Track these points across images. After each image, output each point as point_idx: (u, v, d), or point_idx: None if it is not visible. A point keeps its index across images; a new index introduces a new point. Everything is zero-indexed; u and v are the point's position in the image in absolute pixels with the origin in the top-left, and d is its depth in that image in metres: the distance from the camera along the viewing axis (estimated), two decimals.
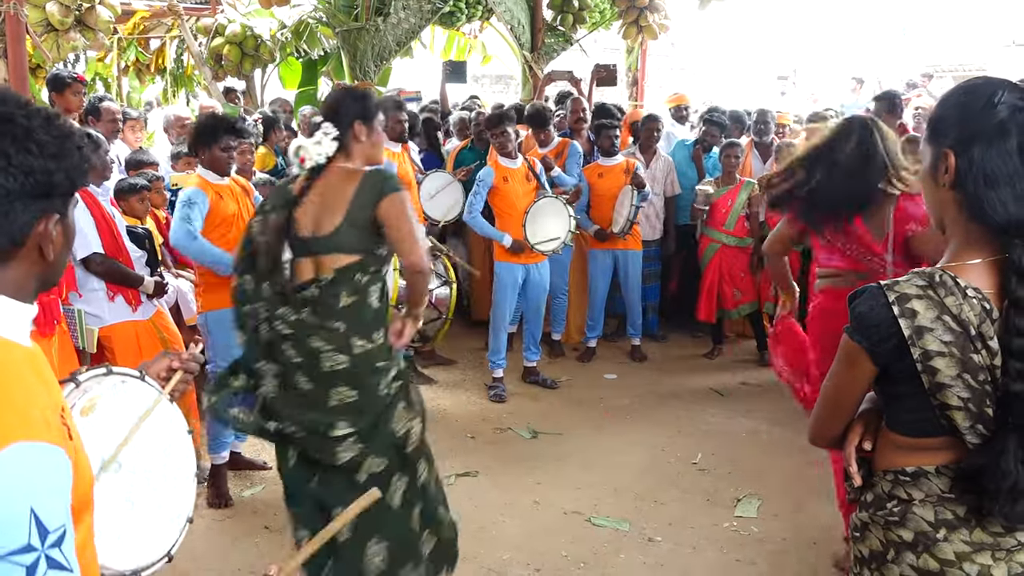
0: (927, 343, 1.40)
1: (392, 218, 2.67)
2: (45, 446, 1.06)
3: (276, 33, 7.77)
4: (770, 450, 4.61)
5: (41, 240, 1.16)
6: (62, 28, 5.82)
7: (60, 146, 1.16)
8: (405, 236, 2.69)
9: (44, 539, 1.01)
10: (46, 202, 1.15)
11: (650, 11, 8.90)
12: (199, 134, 3.93)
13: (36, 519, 1.01)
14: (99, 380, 1.52)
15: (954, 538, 1.47)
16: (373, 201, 2.68)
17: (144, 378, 1.61)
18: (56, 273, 1.24)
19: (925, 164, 1.53)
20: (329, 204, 2.72)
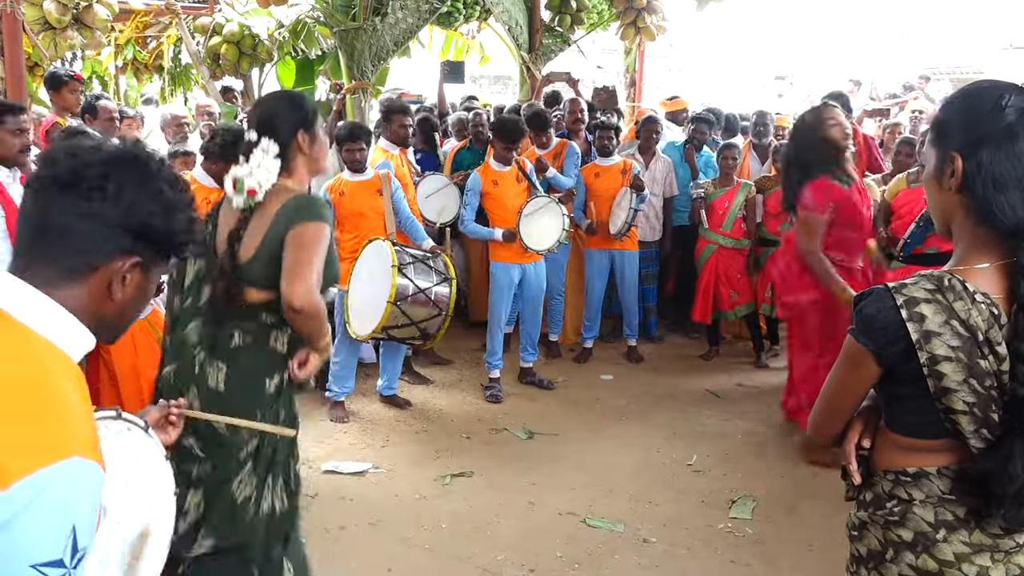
0: (934, 347, 1.40)
1: (292, 247, 2.30)
2: (95, 465, 1.07)
3: (274, 32, 7.76)
4: (765, 452, 4.61)
5: (114, 275, 1.18)
6: (60, 26, 5.83)
7: (173, 203, 1.22)
8: (292, 265, 2.28)
9: (73, 557, 1.03)
10: (134, 242, 1.19)
11: (648, 12, 8.92)
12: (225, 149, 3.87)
13: (74, 537, 1.02)
14: (107, 424, 1.52)
15: (953, 539, 1.47)
16: (284, 229, 2.33)
17: (148, 431, 1.62)
18: (118, 321, 1.24)
19: (929, 167, 1.52)
20: (253, 229, 2.37)
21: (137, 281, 1.22)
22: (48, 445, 1.02)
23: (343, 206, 4.91)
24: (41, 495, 0.99)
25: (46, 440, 1.02)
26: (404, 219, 5.08)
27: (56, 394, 1.08)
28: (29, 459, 0.99)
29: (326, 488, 4.12)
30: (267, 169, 2.35)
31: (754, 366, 6.04)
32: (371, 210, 4.96)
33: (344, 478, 4.26)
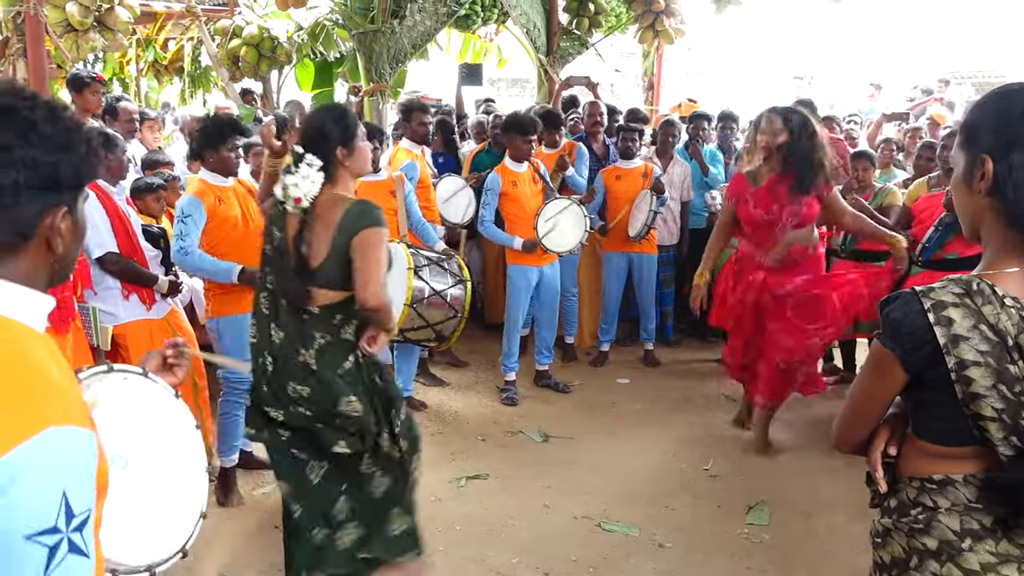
0: (963, 352, 1.38)
1: (360, 251, 2.64)
2: (77, 429, 1.07)
3: (293, 35, 7.80)
4: (782, 457, 4.58)
5: (49, 233, 1.16)
6: (82, 28, 5.90)
7: (66, 138, 1.15)
8: (364, 270, 2.63)
9: (69, 522, 1.03)
10: (53, 195, 1.15)
11: (666, 15, 8.88)
12: (207, 136, 3.84)
13: (66, 502, 1.03)
14: (100, 378, 1.53)
15: (979, 548, 1.44)
16: (351, 233, 2.65)
17: (147, 374, 1.62)
18: (67, 266, 1.23)
19: (959, 170, 1.50)
20: (318, 235, 2.69)
21: (70, 224, 1.19)
22: (18, 423, 1.02)
23: None
24: (24, 471, 1.00)
25: (17, 418, 1.02)
26: (415, 221, 5.06)
27: (24, 369, 1.07)
28: (4, 440, 1.00)
29: None
30: (311, 180, 2.67)
31: None
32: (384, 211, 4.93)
33: None
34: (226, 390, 3.99)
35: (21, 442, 1.00)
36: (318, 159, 2.69)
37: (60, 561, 1.02)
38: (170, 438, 1.63)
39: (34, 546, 1.00)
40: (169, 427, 1.64)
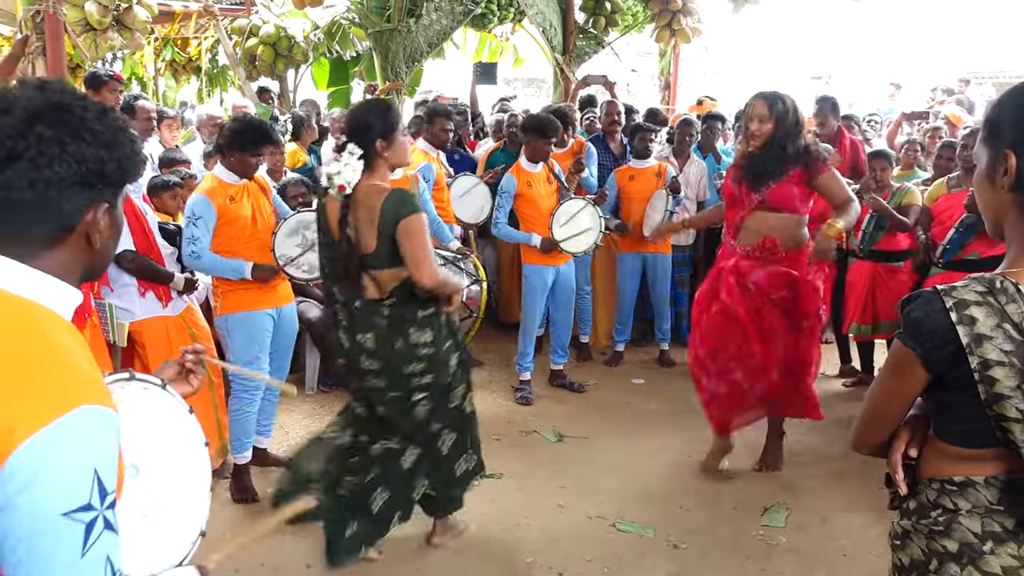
0: (986, 352, 1.35)
1: (406, 238, 2.89)
2: (106, 410, 1.09)
3: (309, 34, 7.83)
4: (799, 459, 4.54)
5: (89, 228, 1.19)
6: (100, 28, 5.93)
7: (113, 137, 1.18)
8: (413, 256, 2.89)
9: (103, 500, 1.06)
10: (96, 191, 1.18)
11: (683, 14, 8.86)
12: (239, 138, 3.78)
13: (98, 480, 1.05)
14: (122, 385, 1.54)
15: (1001, 551, 1.42)
16: (394, 221, 2.89)
17: (166, 387, 1.62)
18: (102, 263, 1.27)
19: (981, 166, 1.47)
20: (364, 222, 2.93)
21: (109, 222, 1.22)
22: (54, 400, 1.04)
23: None
24: (57, 448, 1.02)
25: (50, 396, 1.05)
26: (431, 220, 5.04)
27: (55, 351, 1.10)
28: (37, 417, 1.02)
29: None
30: (353, 168, 2.90)
31: None
32: None
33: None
34: (237, 388, 3.99)
35: (54, 419, 1.02)
36: (359, 148, 2.89)
37: (97, 537, 1.05)
38: (179, 453, 1.64)
39: (71, 523, 1.02)
40: (180, 442, 1.64)
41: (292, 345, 4.25)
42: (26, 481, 1.00)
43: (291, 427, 4.89)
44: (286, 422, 4.91)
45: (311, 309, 5.31)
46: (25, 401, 1.03)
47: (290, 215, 4.00)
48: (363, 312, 3.04)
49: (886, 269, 5.36)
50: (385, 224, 2.89)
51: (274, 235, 3.86)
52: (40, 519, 1.01)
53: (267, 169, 5.71)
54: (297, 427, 4.90)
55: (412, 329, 3.04)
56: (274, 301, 3.99)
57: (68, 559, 1.03)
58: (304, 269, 3.97)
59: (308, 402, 5.30)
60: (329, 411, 5.13)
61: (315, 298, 5.41)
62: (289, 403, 5.15)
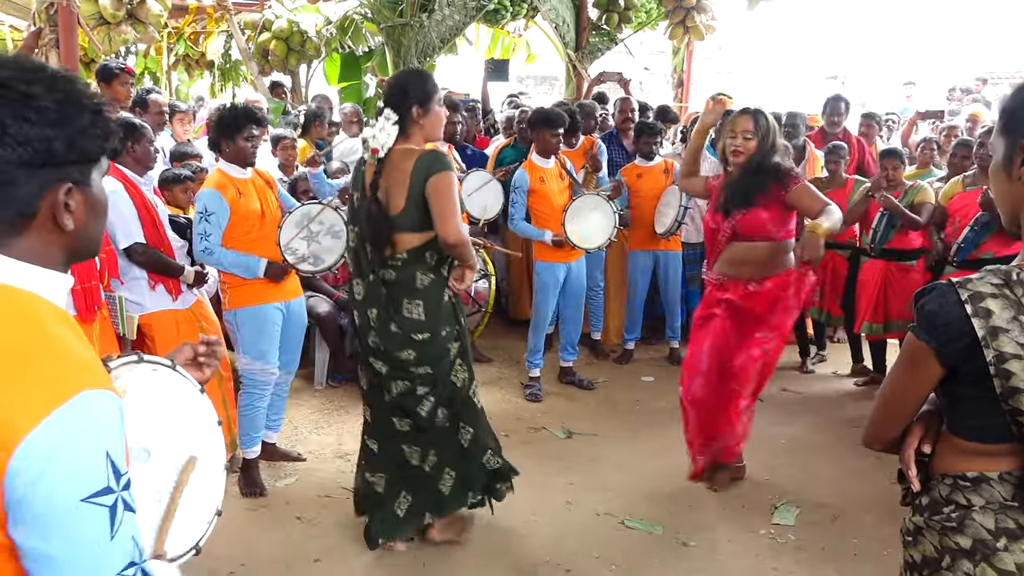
0: (1002, 345, 1.33)
1: (434, 194, 2.91)
2: (107, 392, 1.08)
3: (322, 29, 7.83)
4: (809, 458, 4.51)
5: (55, 211, 1.13)
6: (114, 21, 5.96)
7: (62, 113, 1.11)
8: (440, 211, 2.91)
9: (119, 481, 1.05)
10: (53, 171, 1.12)
11: (697, 11, 8.83)
12: (223, 126, 3.81)
13: (111, 462, 1.04)
14: (130, 368, 1.52)
15: (1015, 548, 1.39)
16: (424, 178, 2.91)
17: (175, 367, 1.61)
18: (87, 244, 1.21)
19: (997, 157, 1.45)
20: (395, 184, 2.97)
21: (82, 200, 1.16)
22: (54, 389, 1.03)
23: None
24: (65, 436, 1.01)
25: (50, 385, 1.03)
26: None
27: (51, 339, 1.07)
28: (39, 408, 1.00)
29: None
30: (387, 133, 2.94)
31: (800, 371, 5.92)
32: None
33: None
34: (246, 383, 3.99)
35: (57, 406, 1.01)
36: (394, 114, 2.94)
37: (122, 520, 1.04)
38: (192, 433, 1.62)
39: (92, 507, 1.01)
40: (192, 422, 1.63)
41: (301, 339, 4.24)
42: (38, 473, 0.98)
43: (300, 422, 4.88)
44: (295, 417, 4.91)
45: (321, 304, 5.30)
46: (24, 392, 1.01)
47: (295, 207, 3.99)
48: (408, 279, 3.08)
49: (898, 268, 5.32)
50: (415, 182, 2.92)
51: (280, 228, 3.86)
52: (61, 509, 0.99)
53: (279, 164, 5.73)
54: (306, 422, 4.90)
55: (405, 300, 3.04)
56: (283, 295, 3.98)
57: (98, 543, 1.02)
58: (309, 262, 3.96)
59: (317, 397, 5.30)
60: (338, 406, 5.14)
61: (325, 292, 5.41)
62: (298, 397, 5.15)
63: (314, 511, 3.83)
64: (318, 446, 4.56)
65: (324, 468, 4.30)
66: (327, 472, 4.25)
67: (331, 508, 3.87)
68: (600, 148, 5.99)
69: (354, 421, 4.89)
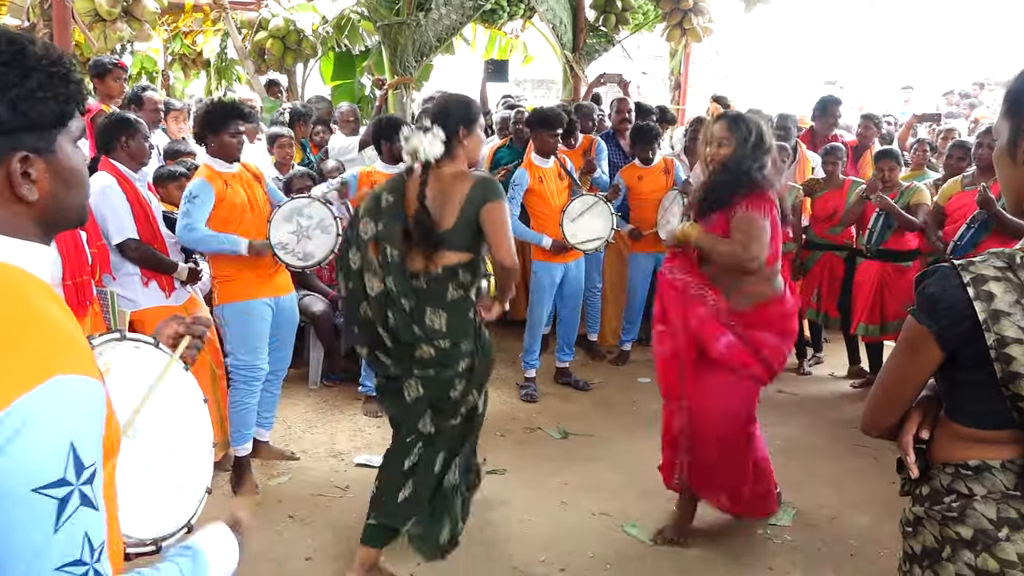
0: (1004, 328, 1.30)
1: (490, 222, 3.01)
2: (85, 379, 1.02)
3: (318, 28, 7.80)
4: (806, 459, 4.48)
5: (13, 181, 1.07)
6: (110, 18, 5.93)
7: (2, 77, 1.04)
8: (496, 238, 3.02)
9: (80, 474, 0.99)
10: (2, 139, 1.06)
11: (694, 13, 8.82)
12: (208, 121, 3.79)
13: (74, 454, 0.99)
14: (113, 345, 1.50)
15: (1017, 538, 1.36)
16: (479, 205, 3.01)
17: (158, 345, 1.58)
18: (61, 213, 1.15)
19: (1002, 141, 1.43)
20: (445, 203, 3.04)
21: (45, 168, 1.10)
22: (27, 371, 0.98)
23: None
24: (28, 421, 0.96)
25: (24, 367, 0.98)
26: None
27: (32, 315, 1.02)
28: (7, 391, 0.96)
29: (358, 481, 4.09)
30: (435, 148, 3.01)
31: (796, 373, 5.89)
32: None
33: (375, 471, 4.20)
34: (236, 379, 3.95)
35: (26, 391, 0.96)
36: (443, 132, 3.04)
37: (72, 514, 0.98)
38: (179, 411, 1.61)
39: (42, 499, 0.96)
40: (178, 400, 1.61)
41: (293, 336, 4.21)
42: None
43: (293, 421, 4.85)
44: (288, 416, 4.88)
45: (315, 302, 5.27)
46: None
47: (284, 201, 3.97)
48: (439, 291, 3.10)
49: (895, 269, 5.30)
50: (470, 208, 3.02)
51: (269, 222, 3.83)
52: (11, 495, 0.95)
53: (275, 162, 5.70)
54: (299, 421, 4.87)
55: (429, 310, 3.06)
56: (272, 291, 3.95)
57: (39, 535, 0.96)
58: (299, 256, 3.93)
59: (311, 396, 5.26)
60: (332, 406, 5.10)
61: (319, 291, 5.38)
62: (292, 396, 5.12)
63: (307, 510, 3.80)
64: (311, 445, 4.53)
65: (317, 467, 4.27)
66: (320, 471, 4.22)
67: (323, 507, 3.84)
68: (600, 147, 5.97)
69: (348, 421, 4.86)
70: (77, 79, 1.13)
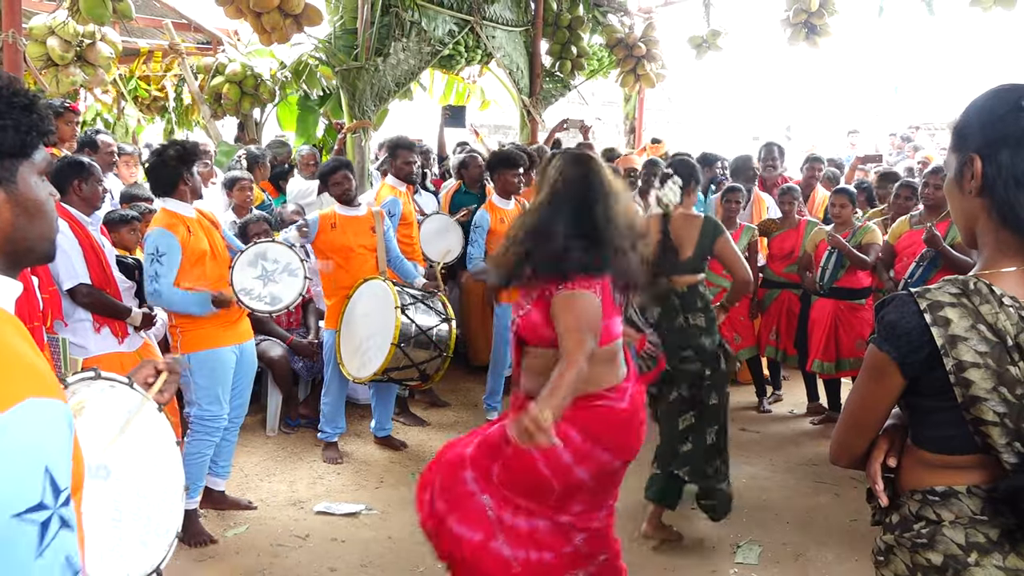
0: (961, 353, 1.33)
1: (722, 251, 3.93)
2: (54, 401, 1.02)
3: (276, 73, 7.80)
4: (770, 496, 4.49)
5: None
6: (62, 63, 5.86)
7: None
8: (733, 262, 3.98)
9: (57, 497, 0.98)
10: None
11: (647, 60, 9.03)
12: (181, 161, 3.69)
13: (50, 477, 0.97)
14: (87, 383, 1.48)
15: (986, 563, 1.37)
16: (712, 240, 3.89)
17: (132, 385, 1.55)
18: (23, 246, 1.14)
19: (950, 173, 1.47)
20: (685, 239, 3.89)
21: (5, 198, 1.10)
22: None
23: (333, 239, 4.73)
24: (3, 446, 0.95)
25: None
26: (394, 257, 4.95)
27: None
28: None
29: (319, 529, 3.99)
30: (676, 193, 3.89)
31: (757, 411, 5.93)
32: (361, 247, 4.79)
33: (337, 519, 4.12)
34: (197, 430, 3.83)
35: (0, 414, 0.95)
36: (681, 180, 3.89)
37: (53, 537, 0.97)
38: (151, 453, 1.57)
39: (24, 524, 0.95)
40: (151, 441, 1.58)
41: (252, 382, 4.13)
42: None
43: (250, 469, 4.72)
44: (245, 464, 4.75)
45: (273, 347, 5.18)
46: None
47: (247, 248, 3.92)
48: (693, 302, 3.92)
49: (848, 307, 5.39)
50: (705, 241, 3.88)
51: (232, 268, 3.77)
52: None
53: (233, 205, 5.64)
54: (257, 469, 4.74)
55: (690, 316, 3.89)
56: (236, 338, 3.88)
57: (22, 562, 0.95)
58: (266, 301, 3.88)
59: (269, 443, 5.14)
60: (291, 453, 4.99)
61: (277, 335, 5.29)
62: (248, 444, 5.00)
63: (266, 560, 3.69)
64: (269, 493, 4.41)
65: (276, 516, 4.15)
66: (279, 520, 4.10)
67: (283, 557, 3.72)
68: None
69: (307, 468, 4.75)
70: (41, 111, 1.13)
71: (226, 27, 8.10)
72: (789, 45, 8.88)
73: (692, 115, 19.36)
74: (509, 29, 7.91)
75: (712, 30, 9.22)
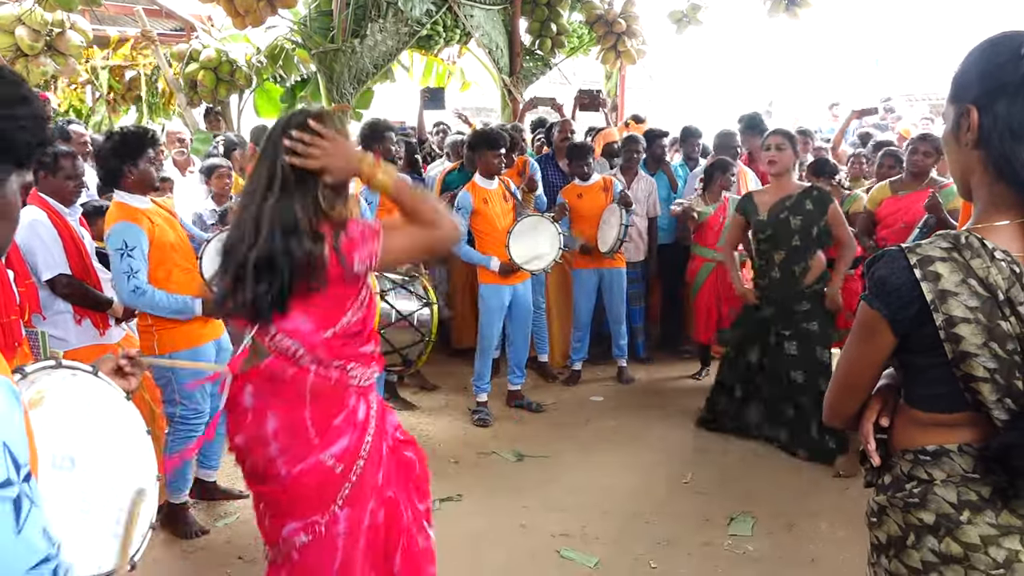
0: (951, 308, 1.30)
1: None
2: (4, 379, 1.00)
3: (252, 58, 7.69)
4: (762, 469, 4.50)
5: None
6: (32, 53, 5.74)
7: None
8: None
9: (19, 473, 0.97)
10: None
11: (628, 36, 8.96)
12: (126, 151, 3.44)
13: (10, 453, 0.96)
14: (48, 372, 1.42)
15: (979, 520, 1.35)
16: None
17: (97, 374, 1.50)
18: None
19: (948, 124, 1.44)
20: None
21: None
22: None
23: None
24: None
25: None
26: None
27: None
28: None
29: None
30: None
31: None
32: None
33: None
34: (180, 428, 3.72)
35: None
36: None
37: (28, 512, 0.97)
38: (120, 442, 1.52)
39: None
40: (119, 430, 1.53)
41: None
42: None
43: None
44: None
45: None
46: None
47: (212, 236, 3.84)
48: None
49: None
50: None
51: (200, 259, 3.69)
52: None
53: (213, 194, 5.56)
54: None
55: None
56: (214, 332, 3.76)
57: (3, 539, 0.94)
58: None
59: None
60: None
61: None
62: None
63: (256, 550, 3.65)
64: None
65: None
66: None
67: None
68: (533, 167, 5.98)
69: None
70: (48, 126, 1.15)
71: (199, 12, 7.97)
72: (769, 17, 8.83)
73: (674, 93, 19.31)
74: (487, 8, 7.83)
75: (692, 4, 9.17)
